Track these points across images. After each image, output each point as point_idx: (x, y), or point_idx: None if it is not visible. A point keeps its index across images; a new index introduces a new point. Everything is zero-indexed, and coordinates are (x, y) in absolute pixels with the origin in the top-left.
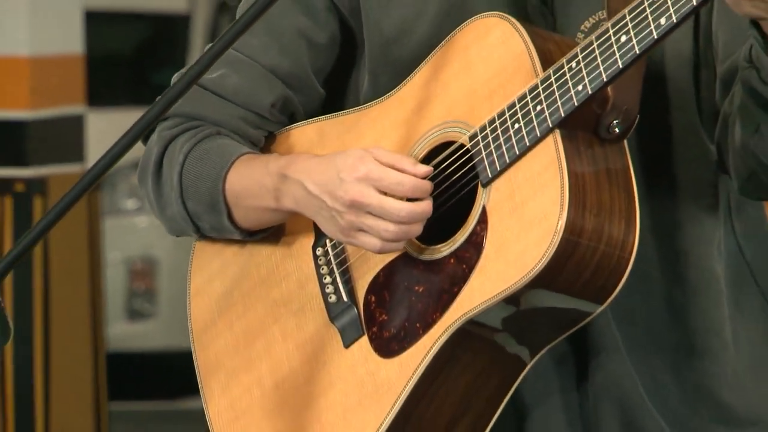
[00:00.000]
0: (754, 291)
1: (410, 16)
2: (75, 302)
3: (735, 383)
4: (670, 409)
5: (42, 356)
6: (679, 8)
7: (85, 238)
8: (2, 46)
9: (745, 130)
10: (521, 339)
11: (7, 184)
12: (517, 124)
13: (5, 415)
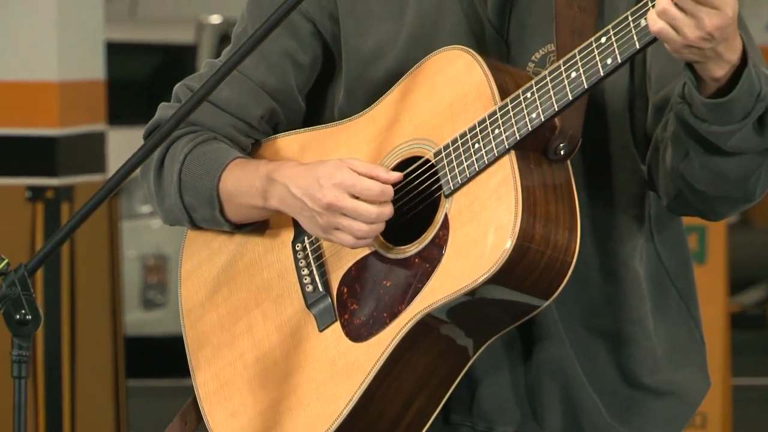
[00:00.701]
0: (671, 291)
1: (383, 43)
2: (97, 293)
3: (654, 367)
4: (601, 384)
5: (68, 340)
6: (623, 51)
7: (106, 238)
8: (35, 72)
9: (676, 155)
10: (475, 328)
11: (39, 191)
12: (477, 144)
13: (37, 390)
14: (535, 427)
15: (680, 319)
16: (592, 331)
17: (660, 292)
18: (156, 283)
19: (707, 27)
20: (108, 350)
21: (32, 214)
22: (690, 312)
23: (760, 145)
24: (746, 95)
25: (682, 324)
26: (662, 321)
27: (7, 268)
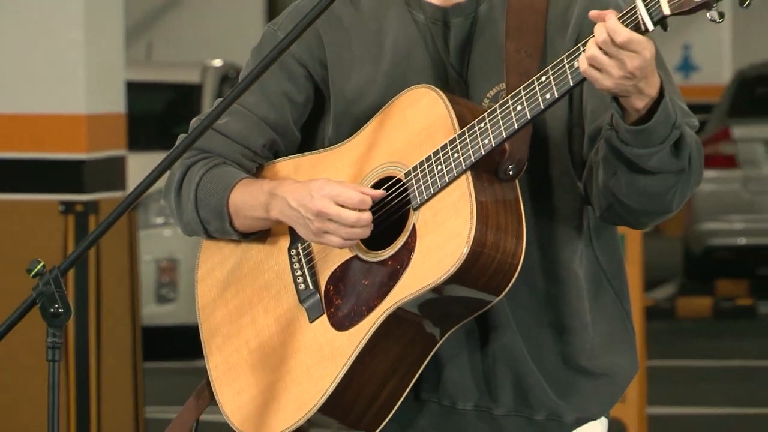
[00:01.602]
0: (608, 289)
1: (364, 84)
2: (118, 290)
3: (591, 353)
4: (546, 369)
5: (95, 329)
6: (560, 88)
7: (126, 244)
8: (67, 107)
9: (606, 174)
10: (439, 320)
11: (70, 205)
12: (440, 165)
13: (68, 371)
14: (490, 403)
15: (615, 312)
16: (539, 323)
17: (598, 290)
18: (168, 282)
19: (629, 68)
20: (128, 338)
21: (65, 224)
22: (623, 307)
23: (676, 165)
24: (663, 123)
25: (617, 317)
26: (599, 314)
27: (43, 270)
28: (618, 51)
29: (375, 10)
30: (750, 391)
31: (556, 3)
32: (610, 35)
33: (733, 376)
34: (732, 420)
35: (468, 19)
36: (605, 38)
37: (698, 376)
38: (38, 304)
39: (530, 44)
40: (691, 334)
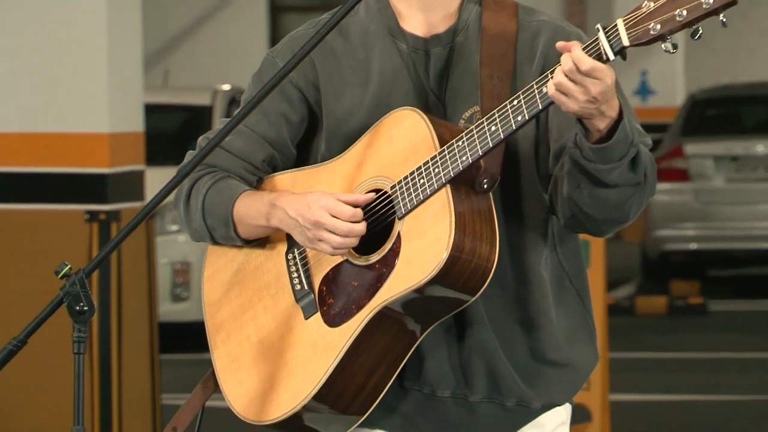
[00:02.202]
0: (570, 289)
1: (354, 106)
2: (137, 290)
3: (556, 346)
4: (516, 360)
5: (116, 325)
6: (530, 110)
7: (144, 249)
8: (92, 126)
9: (570, 186)
10: (421, 317)
11: (94, 214)
12: (422, 180)
13: (92, 363)
14: (466, 391)
15: (577, 310)
16: (509, 319)
17: (561, 290)
18: (182, 282)
19: (592, 93)
20: (146, 333)
21: (89, 231)
22: (584, 305)
23: (633, 179)
24: (622, 142)
25: (578, 314)
26: (563, 312)
27: (69, 272)
28: (583, 78)
29: (363, 40)
30: (701, 380)
31: (524, 34)
32: (575, 64)
33: (686, 366)
34: (686, 405)
35: (446, 48)
36: (571, 67)
37: (655, 366)
38: (65, 302)
39: (502, 71)
40: (649, 329)
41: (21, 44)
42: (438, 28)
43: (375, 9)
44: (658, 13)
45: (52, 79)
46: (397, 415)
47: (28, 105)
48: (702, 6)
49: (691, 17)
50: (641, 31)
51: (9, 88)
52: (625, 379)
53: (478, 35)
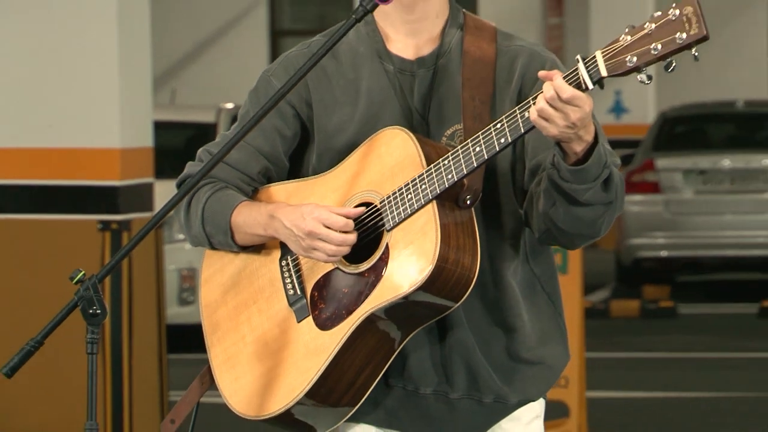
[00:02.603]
0: (542, 294)
1: (343, 122)
2: (147, 294)
3: (529, 346)
4: (493, 359)
5: (127, 326)
6: (512, 134)
7: (153, 256)
8: (104, 142)
9: (546, 203)
10: (406, 322)
11: (107, 224)
12: (410, 195)
13: (105, 362)
14: (447, 388)
15: (548, 313)
16: (487, 322)
17: (534, 295)
18: (188, 287)
19: (572, 119)
20: (154, 334)
21: (102, 240)
22: (555, 308)
23: (605, 198)
24: (596, 164)
25: (550, 316)
26: (535, 315)
27: (83, 277)
28: (563, 105)
29: (353, 62)
30: (671, 377)
31: (503, 58)
32: (557, 92)
33: (657, 365)
34: (657, 401)
35: (430, 70)
36: (552, 95)
37: (628, 365)
38: (79, 306)
39: (482, 93)
40: (622, 330)
41: (39, 68)
42: (422, 51)
43: (364, 33)
44: (635, 46)
45: (68, 99)
46: (382, 410)
47: (45, 122)
48: (676, 41)
49: (665, 51)
50: (618, 62)
51: (28, 106)
52: (601, 377)
53: (460, 58)
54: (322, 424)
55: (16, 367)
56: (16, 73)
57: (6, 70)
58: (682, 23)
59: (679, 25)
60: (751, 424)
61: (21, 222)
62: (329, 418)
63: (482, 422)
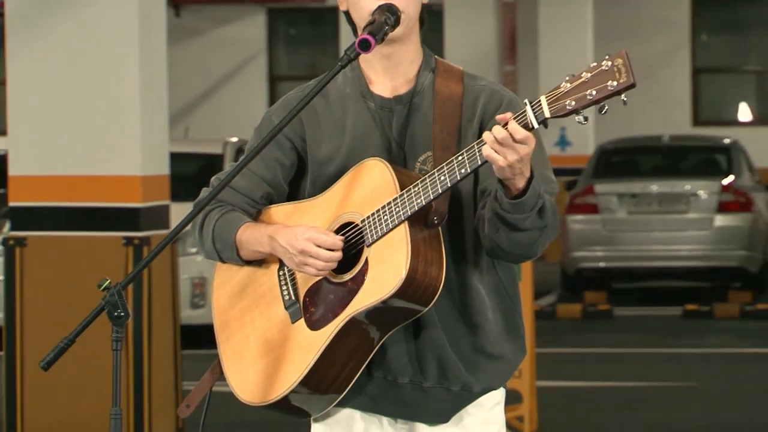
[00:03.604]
0: (505, 296)
1: (332, 153)
2: (163, 299)
3: (493, 342)
4: (461, 353)
5: (147, 326)
6: (471, 165)
7: (169, 267)
8: (128, 170)
9: (491, 229)
10: (384, 323)
11: (130, 240)
12: (386, 216)
13: (127, 358)
14: (421, 378)
15: (509, 313)
16: (455, 321)
17: (498, 297)
18: (199, 293)
19: (521, 153)
20: (170, 333)
21: (126, 253)
22: (516, 309)
23: (540, 224)
24: (533, 197)
25: (511, 316)
26: (499, 314)
27: (109, 285)
28: (513, 143)
29: (340, 101)
30: (609, 369)
31: (468, 96)
32: (510, 133)
33: (596, 359)
34: (596, 389)
35: (405, 107)
36: (506, 135)
37: (572, 359)
38: (106, 309)
39: (450, 126)
40: (567, 330)
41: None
42: (399, 90)
43: (350, 76)
44: (574, 92)
45: (98, 135)
46: (366, 397)
47: (79, 154)
48: (608, 88)
49: (599, 97)
50: (559, 106)
51: (65, 142)
52: (549, 369)
53: (431, 97)
54: (314, 408)
55: (51, 361)
56: (56, 115)
57: (47, 113)
58: (614, 73)
59: (611, 74)
60: (676, 408)
61: (58, 238)
62: (320, 403)
63: (450, 408)
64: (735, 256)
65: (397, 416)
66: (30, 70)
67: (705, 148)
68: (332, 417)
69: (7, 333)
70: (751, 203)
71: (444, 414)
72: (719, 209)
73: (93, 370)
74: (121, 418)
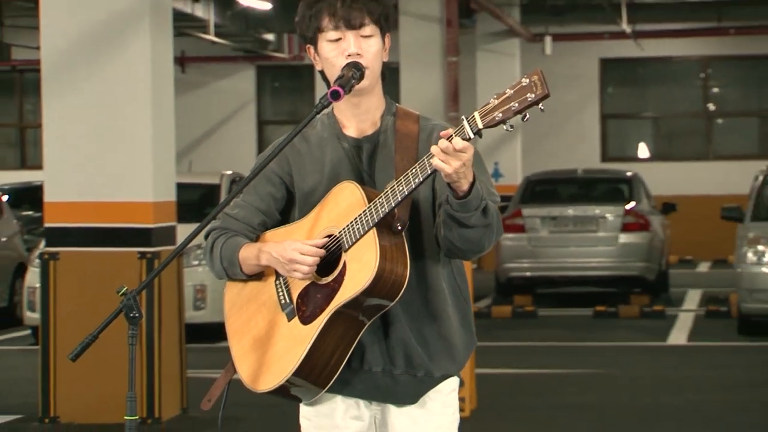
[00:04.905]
0: (459, 294)
1: (315, 186)
2: (171, 302)
3: (452, 333)
4: (424, 345)
5: (157, 325)
6: (423, 174)
7: (175, 276)
8: (141, 197)
9: (445, 229)
10: (361, 314)
11: (143, 254)
12: (358, 225)
13: (141, 351)
14: (391, 367)
15: (463, 309)
16: (419, 316)
17: (454, 296)
18: (200, 297)
19: (462, 160)
20: (176, 330)
21: (140, 265)
22: (468, 306)
23: (485, 222)
24: (476, 197)
25: (465, 313)
26: (455, 310)
27: (126, 291)
28: (455, 152)
29: (319, 144)
30: (533, 359)
31: (423, 133)
32: (452, 144)
33: (524, 351)
34: (524, 376)
35: (372, 144)
36: (449, 146)
37: (504, 351)
38: (123, 311)
39: (408, 157)
40: (500, 326)
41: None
42: (367, 131)
43: (327, 122)
44: (500, 106)
45: (117, 168)
46: (345, 384)
47: (102, 184)
48: (528, 100)
49: (521, 107)
50: (490, 118)
51: (90, 174)
52: (485, 359)
53: (393, 135)
54: (306, 396)
55: (78, 354)
56: (83, 152)
57: (76, 150)
58: (531, 87)
59: (529, 88)
60: (589, 390)
61: (84, 253)
62: (310, 393)
63: (415, 391)
64: (635, 266)
65: (372, 399)
66: (61, 116)
67: (611, 179)
68: (319, 401)
69: (43, 331)
70: (648, 224)
71: (410, 397)
72: (623, 229)
73: (112, 361)
74: (136, 400)
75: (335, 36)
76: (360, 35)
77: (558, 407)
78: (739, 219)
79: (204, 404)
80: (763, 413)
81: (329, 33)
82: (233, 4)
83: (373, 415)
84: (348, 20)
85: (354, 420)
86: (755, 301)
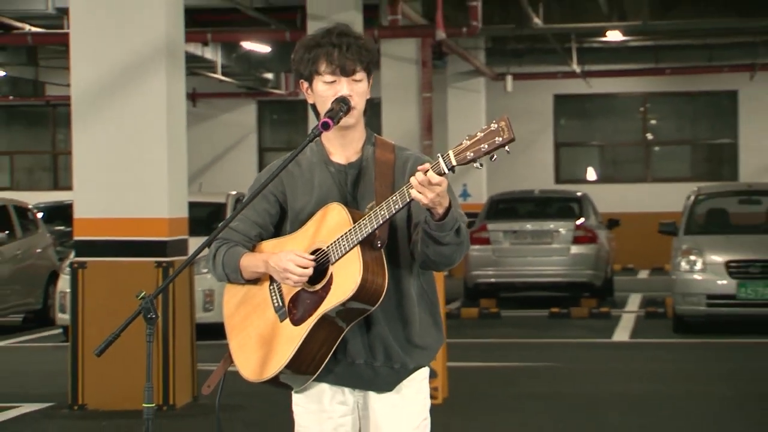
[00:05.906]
0: (428, 300)
1: (305, 205)
2: (184, 305)
3: (421, 334)
4: (399, 341)
5: (171, 325)
6: (402, 202)
7: (187, 282)
8: (157, 213)
9: (423, 245)
10: (345, 318)
11: (159, 263)
12: (344, 242)
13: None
14: (372, 360)
15: (431, 313)
16: (394, 318)
17: (423, 301)
18: (209, 300)
19: (437, 191)
20: (188, 329)
21: (156, 273)
22: (437, 309)
23: (457, 240)
24: (451, 220)
25: (433, 314)
26: (425, 313)
27: (145, 295)
28: (432, 185)
29: (309, 168)
30: (497, 354)
31: (399, 161)
32: (428, 178)
33: (489, 347)
34: (490, 368)
35: (356, 169)
36: (424, 179)
37: (472, 347)
38: (142, 313)
39: (387, 182)
40: (468, 326)
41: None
42: (351, 159)
43: (316, 149)
44: (472, 146)
45: (137, 189)
46: (332, 374)
47: (124, 202)
48: (496, 142)
49: (490, 149)
50: (462, 157)
51: (113, 193)
52: (455, 354)
53: (374, 162)
54: (296, 383)
55: (103, 350)
56: (107, 175)
57: (101, 173)
58: (499, 131)
59: (497, 132)
60: (545, 381)
61: (109, 262)
62: (300, 381)
63: (393, 381)
64: (585, 274)
65: (355, 387)
66: (89, 144)
67: (564, 198)
68: (308, 389)
69: (72, 330)
70: (596, 237)
71: (388, 385)
72: (574, 241)
73: (133, 356)
74: (153, 390)
75: (330, 79)
76: (352, 80)
77: (518, 396)
78: (673, 233)
79: (204, 389)
80: (696, 401)
81: (326, 76)
82: (238, 48)
83: (356, 401)
84: (343, 68)
85: (340, 405)
86: (688, 303)
